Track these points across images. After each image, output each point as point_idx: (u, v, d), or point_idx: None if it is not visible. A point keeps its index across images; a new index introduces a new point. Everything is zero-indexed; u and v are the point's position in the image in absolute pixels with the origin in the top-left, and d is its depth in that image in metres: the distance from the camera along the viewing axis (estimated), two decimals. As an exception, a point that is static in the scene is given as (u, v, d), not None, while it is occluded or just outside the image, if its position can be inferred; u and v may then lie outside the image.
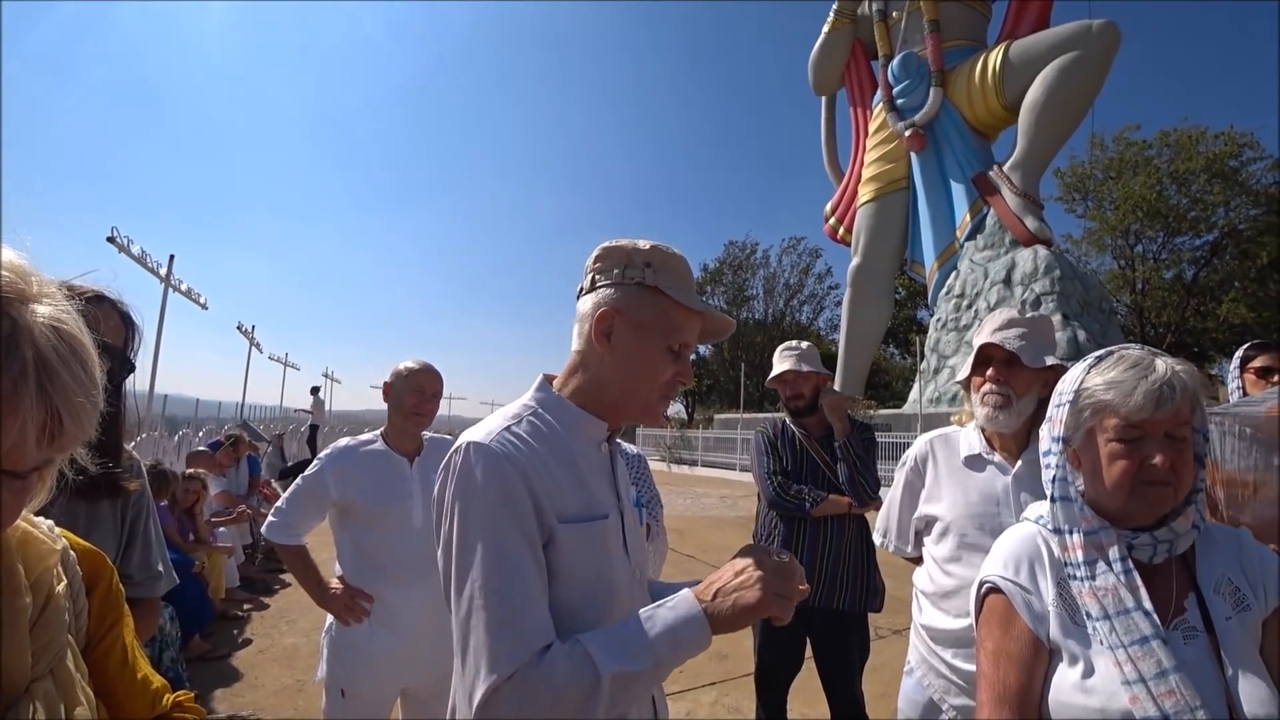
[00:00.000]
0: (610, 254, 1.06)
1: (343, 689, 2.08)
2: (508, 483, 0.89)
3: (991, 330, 1.72)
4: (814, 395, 2.63)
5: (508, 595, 0.84)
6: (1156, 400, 0.98)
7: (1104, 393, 1.03)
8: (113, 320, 1.33)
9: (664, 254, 1.05)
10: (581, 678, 0.80)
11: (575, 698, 0.79)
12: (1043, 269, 14.51)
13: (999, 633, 1.07)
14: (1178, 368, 1.02)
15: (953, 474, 1.80)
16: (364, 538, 2.14)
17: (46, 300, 0.54)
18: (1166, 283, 26.90)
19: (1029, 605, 1.06)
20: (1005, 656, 1.04)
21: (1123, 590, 0.98)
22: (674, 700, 3.70)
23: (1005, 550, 1.13)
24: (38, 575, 0.65)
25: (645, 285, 1.02)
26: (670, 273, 1.04)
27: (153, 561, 1.41)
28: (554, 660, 0.81)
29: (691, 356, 1.11)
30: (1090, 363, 1.09)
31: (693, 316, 1.06)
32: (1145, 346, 1.07)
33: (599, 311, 1.02)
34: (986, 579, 1.12)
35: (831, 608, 2.47)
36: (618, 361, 1.02)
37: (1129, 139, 26.30)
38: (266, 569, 6.33)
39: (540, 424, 1.00)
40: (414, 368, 2.23)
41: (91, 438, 0.58)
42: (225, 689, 3.80)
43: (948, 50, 17.15)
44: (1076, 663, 1.00)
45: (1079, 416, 1.07)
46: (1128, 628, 0.95)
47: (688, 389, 35.77)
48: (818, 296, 40.43)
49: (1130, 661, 0.93)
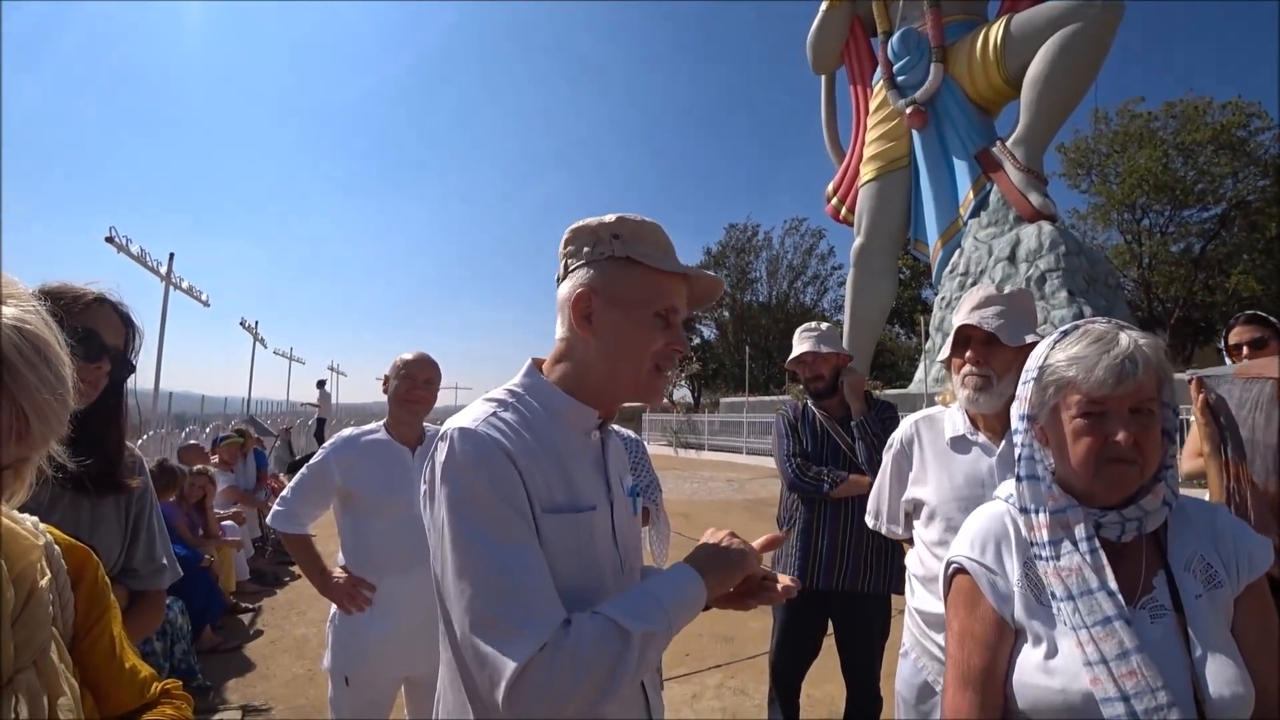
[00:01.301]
0: (577, 234, 1.04)
1: (347, 676, 2.12)
2: (498, 465, 0.88)
3: (969, 310, 1.70)
4: (834, 376, 2.62)
5: (517, 574, 0.83)
6: (1118, 375, 0.96)
7: (1066, 369, 1.01)
8: (112, 321, 1.35)
9: (632, 223, 1.01)
10: (612, 640, 0.81)
11: (609, 660, 0.80)
12: (1047, 245, 14.38)
13: (964, 613, 1.06)
14: (1141, 341, 1.00)
15: (938, 456, 1.79)
16: (366, 526, 2.18)
17: (11, 301, 0.55)
18: (1174, 256, 26.68)
19: (994, 586, 1.05)
20: (970, 637, 1.04)
21: (1087, 570, 0.97)
22: (680, 683, 3.74)
23: (972, 530, 1.13)
24: (20, 570, 0.67)
25: (617, 258, 1.00)
26: (642, 240, 1.01)
27: (157, 555, 1.45)
28: (580, 629, 0.81)
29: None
30: (1055, 338, 1.07)
31: (674, 280, 1.02)
32: (1113, 320, 1.05)
33: (575, 294, 1.00)
34: (953, 559, 1.12)
35: (855, 590, 2.46)
36: (602, 341, 1.00)
37: (1133, 112, 25.98)
38: (276, 561, 6.40)
39: (526, 410, 0.98)
40: (407, 358, 2.27)
41: (63, 435, 0.59)
42: (238, 680, 3.87)
43: (948, 25, 16.90)
44: (1040, 643, 0.99)
45: (1043, 394, 1.05)
46: (1091, 608, 0.94)
47: (694, 373, 36.00)
48: (821, 277, 40.30)
49: (1092, 642, 0.92)
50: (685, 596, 0.91)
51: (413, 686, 2.22)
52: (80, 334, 0.55)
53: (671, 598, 0.89)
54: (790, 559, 2.53)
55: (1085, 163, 27.68)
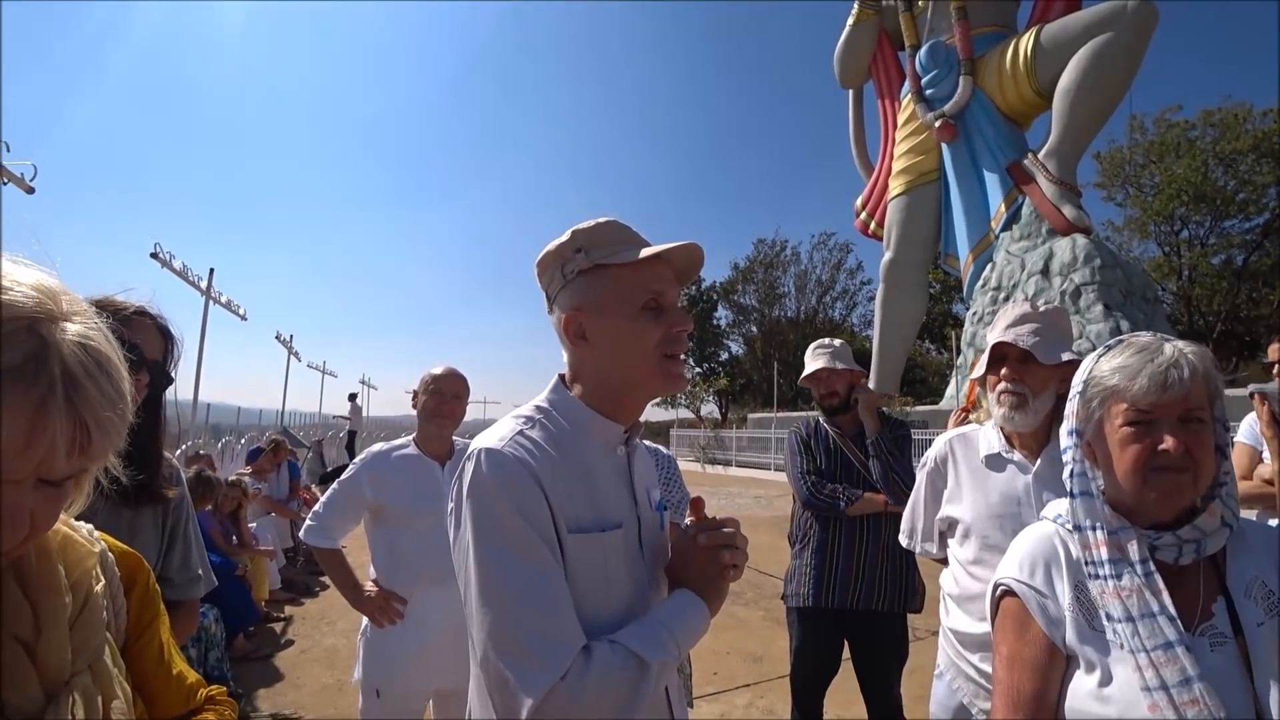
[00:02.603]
0: (544, 263, 1.06)
1: (378, 689, 2.14)
2: (523, 487, 0.88)
3: (1004, 327, 1.68)
4: (848, 393, 2.59)
5: (538, 600, 0.84)
6: (1164, 383, 0.93)
7: (1110, 379, 0.99)
8: (152, 335, 1.39)
9: (587, 230, 1.02)
10: (631, 670, 0.83)
11: (627, 688, 0.83)
12: (1082, 258, 14.09)
13: (1013, 637, 1.03)
14: (1187, 350, 0.97)
15: (973, 474, 1.76)
16: (397, 540, 2.20)
17: (76, 318, 0.57)
18: (1215, 269, 25.91)
19: (1044, 609, 1.02)
20: (1020, 662, 1.01)
21: (1146, 593, 0.93)
22: (708, 702, 3.70)
23: (1020, 551, 1.10)
24: (77, 576, 0.69)
25: (586, 270, 1.01)
26: (603, 243, 1.01)
27: (192, 565, 1.47)
28: (600, 658, 0.83)
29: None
30: (1100, 352, 1.05)
31: (650, 266, 1.01)
32: (1157, 334, 1.03)
33: (563, 319, 1.02)
34: (1001, 581, 1.08)
35: (870, 609, 2.43)
36: (604, 352, 1.01)
37: (1170, 121, 25.42)
38: (308, 572, 6.50)
39: (553, 427, 0.99)
40: (436, 372, 2.30)
41: (121, 447, 0.61)
42: (268, 688, 3.92)
43: (976, 37, 16.76)
44: (1094, 670, 0.95)
45: (1088, 407, 1.03)
46: (1151, 631, 0.90)
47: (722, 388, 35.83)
48: (850, 292, 40.07)
49: (1152, 667, 0.88)
50: (692, 625, 0.93)
51: (442, 699, 2.23)
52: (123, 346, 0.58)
53: (681, 627, 0.92)
54: (805, 577, 2.51)
55: (1121, 173, 27.12)
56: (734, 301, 41.44)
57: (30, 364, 0.52)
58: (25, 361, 0.51)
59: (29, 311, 0.53)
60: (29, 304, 0.54)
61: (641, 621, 0.92)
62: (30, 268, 0.58)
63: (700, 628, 0.94)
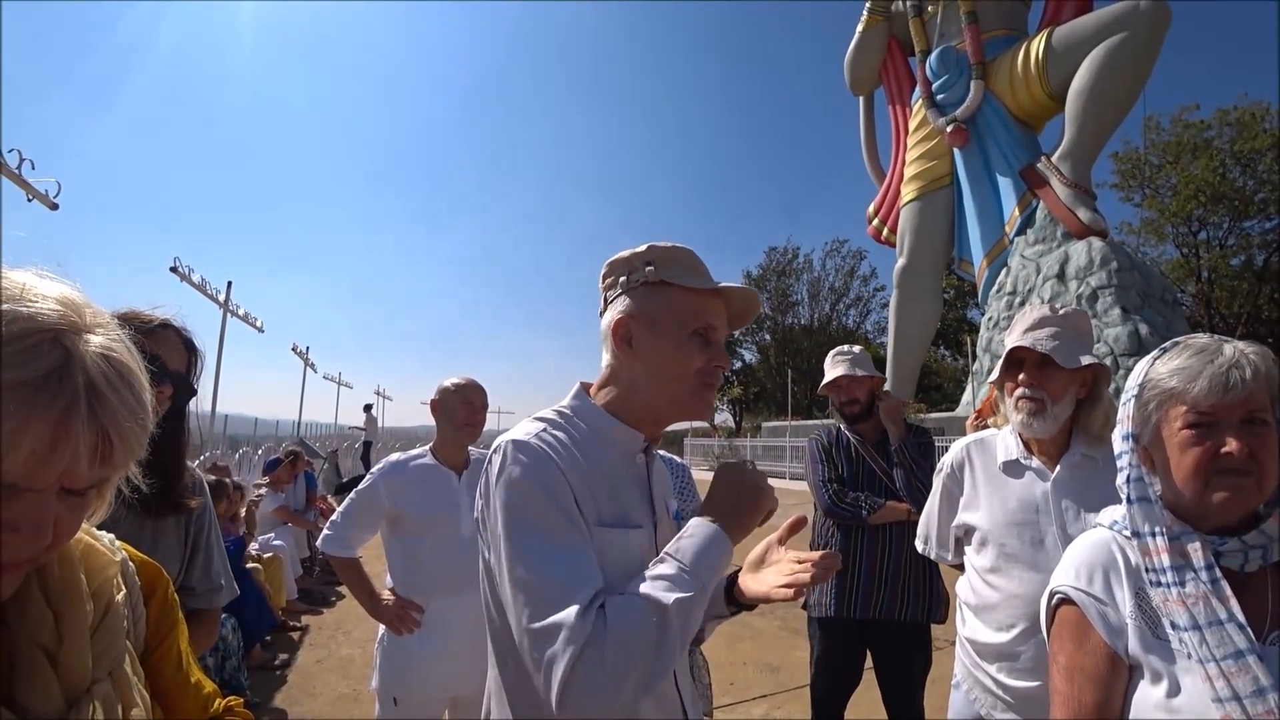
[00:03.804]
0: (613, 267, 1.08)
1: (395, 697, 2.15)
2: (551, 472, 0.90)
3: (1022, 331, 1.65)
4: (869, 400, 2.58)
5: (561, 575, 0.84)
6: (1225, 384, 0.91)
7: (1168, 381, 0.96)
8: (176, 347, 1.42)
9: (663, 249, 1.05)
10: (649, 616, 0.82)
11: (651, 635, 0.81)
12: (1098, 261, 13.93)
13: (1072, 646, 1.00)
14: (1248, 350, 0.94)
15: (990, 481, 1.74)
16: (414, 549, 2.22)
17: (99, 330, 0.59)
18: (1235, 270, 25.52)
19: (1104, 617, 0.98)
20: (1080, 672, 0.98)
21: (1213, 600, 0.89)
22: (724, 713, 3.67)
23: (1077, 558, 1.06)
24: (98, 584, 0.70)
25: (652, 283, 1.03)
26: (673, 263, 1.04)
27: (214, 574, 1.49)
28: (615, 614, 0.82)
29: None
30: (1155, 354, 1.03)
31: (709, 299, 1.04)
32: (1215, 335, 1.00)
33: (615, 321, 1.03)
34: (1057, 589, 1.05)
35: (893, 619, 2.40)
36: (645, 364, 1.02)
37: (1186, 121, 25.14)
38: (324, 581, 6.53)
39: (574, 430, 1.00)
40: (460, 383, 2.32)
41: (142, 457, 0.62)
42: (284, 697, 3.94)
43: (987, 41, 16.69)
44: (1160, 680, 0.92)
45: (1145, 411, 1.00)
46: (1220, 640, 0.86)
47: (735, 397, 35.74)
48: (864, 299, 39.92)
49: (1223, 677, 0.85)
50: (711, 554, 0.90)
51: (458, 707, 2.23)
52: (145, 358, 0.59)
53: (696, 558, 0.89)
54: (827, 586, 2.48)
55: (1137, 174, 26.84)
56: (747, 309, 41.01)
57: (54, 375, 0.53)
58: (50, 373, 0.52)
59: (53, 324, 0.54)
60: (54, 316, 0.55)
61: (655, 561, 0.91)
62: (55, 281, 0.59)
63: (720, 556, 0.92)
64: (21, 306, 0.54)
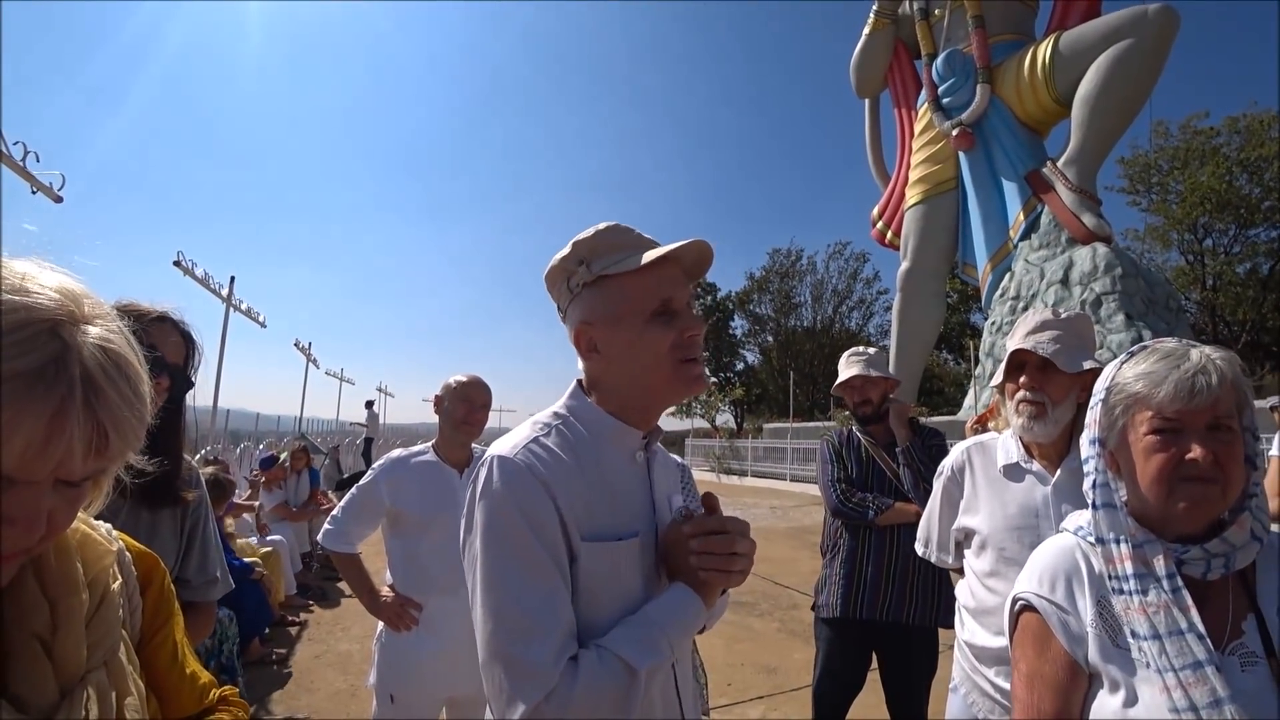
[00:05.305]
0: (551, 278, 1.05)
1: (392, 694, 2.15)
2: (531, 497, 0.88)
3: (1024, 333, 1.64)
4: (881, 401, 2.57)
5: (537, 612, 0.84)
6: (1191, 389, 0.90)
7: (1134, 385, 0.96)
8: (174, 339, 1.42)
9: (588, 241, 1.01)
10: (620, 679, 0.82)
11: (618, 696, 0.82)
12: (1103, 267, 13.90)
13: (1033, 654, 1.00)
14: (1214, 355, 0.94)
15: (990, 484, 1.73)
16: (414, 546, 2.21)
17: (98, 321, 0.58)
18: (1240, 277, 25.50)
19: (1065, 625, 0.98)
20: (1040, 680, 0.98)
21: (1174, 609, 0.89)
22: (721, 714, 3.66)
23: (1040, 565, 1.06)
24: (94, 574, 0.70)
25: (591, 283, 1.00)
26: (604, 253, 1.00)
27: (210, 567, 1.49)
28: (588, 670, 0.82)
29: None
30: (1123, 358, 1.02)
31: (656, 270, 0.98)
32: (1182, 339, 1.00)
33: (574, 334, 1.02)
34: (1020, 596, 1.05)
35: (900, 621, 2.39)
36: (617, 363, 1.00)
37: (1195, 128, 25.08)
38: (323, 577, 6.53)
39: (570, 434, 0.98)
40: (463, 380, 2.31)
41: (138, 449, 0.62)
42: (281, 692, 3.95)
43: (994, 45, 16.66)
44: (1118, 689, 0.92)
45: (1111, 415, 1.00)
46: (1179, 650, 0.86)
47: (737, 398, 35.62)
48: (866, 302, 39.81)
49: (1181, 688, 0.85)
50: (686, 620, 0.92)
51: (454, 706, 2.23)
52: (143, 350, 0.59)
53: (673, 624, 0.90)
54: (834, 587, 2.48)
55: (1144, 179, 26.78)
56: (749, 311, 41.38)
57: (51, 366, 0.52)
58: (46, 364, 0.52)
59: (51, 314, 0.54)
60: (52, 306, 0.55)
61: (631, 621, 0.90)
62: (55, 271, 0.59)
63: (693, 622, 0.92)
64: (20, 296, 0.54)
